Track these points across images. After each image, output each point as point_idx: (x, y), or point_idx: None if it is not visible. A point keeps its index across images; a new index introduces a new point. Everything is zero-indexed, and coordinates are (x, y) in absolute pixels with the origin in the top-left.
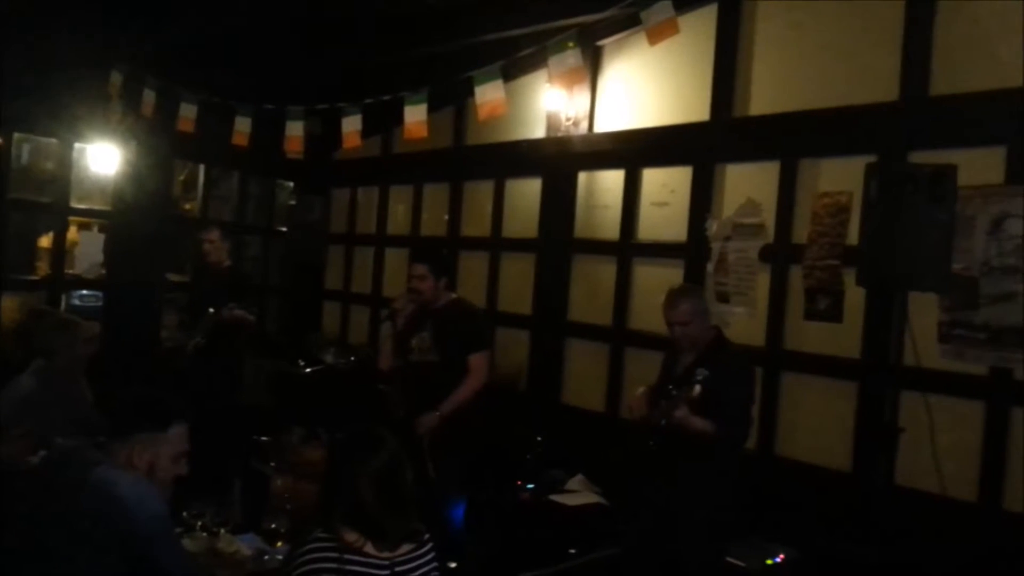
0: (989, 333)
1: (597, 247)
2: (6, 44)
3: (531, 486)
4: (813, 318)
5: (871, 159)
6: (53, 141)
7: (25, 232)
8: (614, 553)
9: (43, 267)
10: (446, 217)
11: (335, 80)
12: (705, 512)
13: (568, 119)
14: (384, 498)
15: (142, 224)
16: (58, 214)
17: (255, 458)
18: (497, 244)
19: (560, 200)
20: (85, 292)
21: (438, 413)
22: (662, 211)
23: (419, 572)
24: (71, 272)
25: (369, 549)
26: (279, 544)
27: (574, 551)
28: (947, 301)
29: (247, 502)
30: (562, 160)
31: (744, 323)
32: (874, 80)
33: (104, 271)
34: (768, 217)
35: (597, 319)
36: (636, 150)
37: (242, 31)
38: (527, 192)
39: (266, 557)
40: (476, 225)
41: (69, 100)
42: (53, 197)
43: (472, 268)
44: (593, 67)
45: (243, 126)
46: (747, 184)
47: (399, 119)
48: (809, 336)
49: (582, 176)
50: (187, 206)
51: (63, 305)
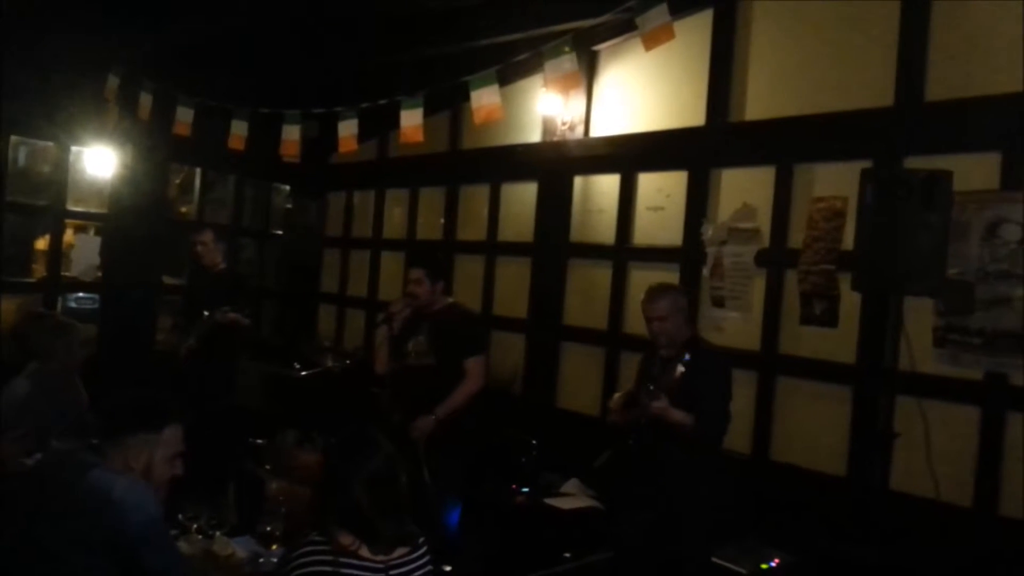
0: (984, 338)
1: (593, 251)
2: (3, 47)
3: (526, 489)
4: (808, 322)
5: (866, 164)
6: (50, 144)
7: (21, 235)
8: (609, 557)
9: (39, 269)
10: (442, 221)
11: (331, 84)
12: (704, 512)
13: (564, 123)
14: (379, 502)
15: (138, 227)
16: (54, 217)
17: (250, 461)
18: (493, 248)
19: (556, 204)
20: (81, 295)
21: (434, 417)
22: (658, 215)
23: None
24: (67, 275)
25: (364, 552)
26: (274, 547)
27: (569, 555)
28: (942, 306)
29: (242, 505)
30: (558, 164)
31: (739, 327)
32: (869, 85)
33: (100, 274)
34: (764, 222)
35: (592, 323)
36: (632, 155)
37: (239, 34)
38: (523, 196)
39: (261, 560)
40: (472, 229)
41: (66, 103)
42: (49, 200)
43: (468, 272)
44: (589, 72)
45: (239, 129)
46: (743, 189)
47: (395, 123)
48: (804, 340)
49: (578, 180)
50: (183, 209)
51: (59, 307)
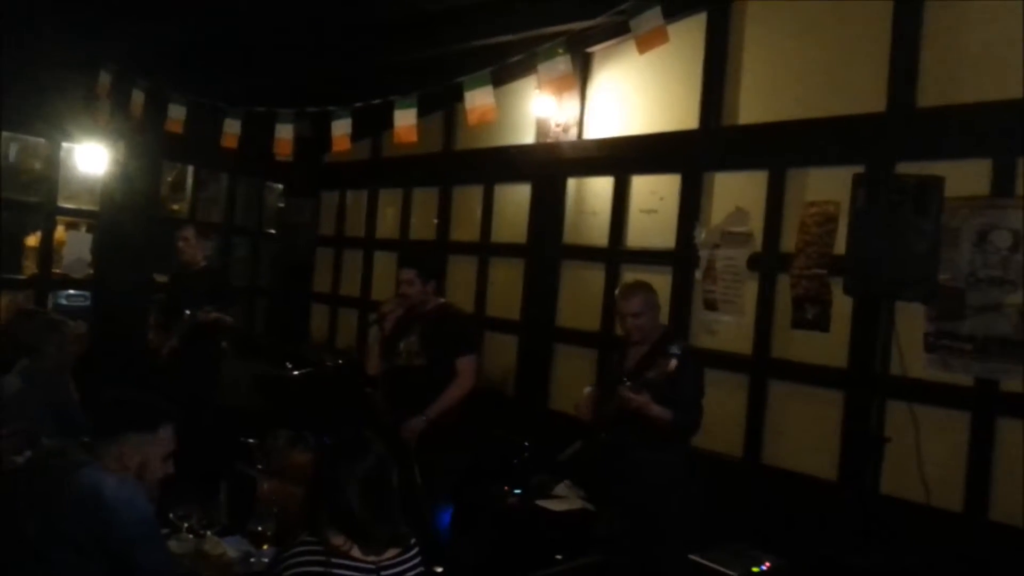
0: (975, 344)
1: (586, 253)
2: None
3: (518, 491)
4: (800, 327)
5: (858, 169)
6: (41, 141)
7: (12, 231)
8: (600, 559)
9: (30, 266)
10: (435, 221)
11: (325, 83)
12: (677, 506)
13: (558, 125)
14: (371, 502)
15: (130, 224)
16: (45, 214)
17: (242, 460)
18: (486, 249)
19: (549, 206)
20: (72, 292)
21: (425, 418)
22: (651, 218)
23: None
24: (58, 272)
25: (355, 553)
26: (265, 547)
27: (560, 556)
28: (933, 311)
29: (233, 504)
30: (552, 166)
31: (732, 331)
32: (862, 91)
33: (91, 271)
34: (756, 226)
35: (585, 325)
36: (625, 157)
37: (232, 33)
38: (516, 198)
39: (252, 560)
40: (465, 230)
41: (57, 100)
42: (40, 197)
43: (461, 273)
44: (583, 74)
45: (232, 128)
46: (736, 192)
47: (389, 123)
48: (796, 345)
49: (571, 182)
50: (175, 207)
51: (50, 305)
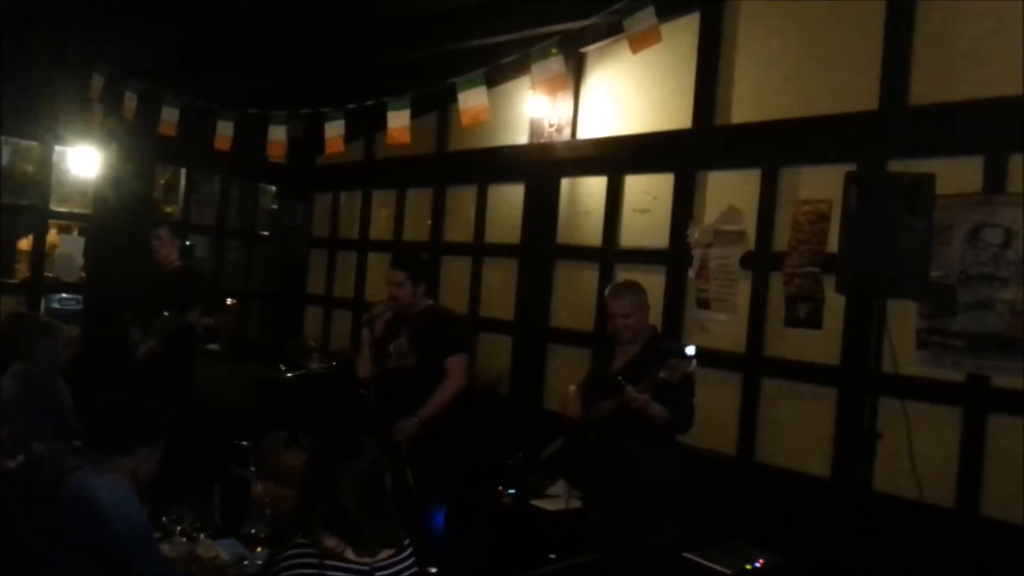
0: (966, 340)
1: (579, 253)
2: None
3: (512, 491)
4: (793, 325)
5: (851, 168)
6: (33, 144)
7: (5, 235)
8: (595, 558)
9: (22, 270)
10: (429, 222)
11: (318, 84)
12: (669, 501)
13: (551, 125)
14: (364, 504)
15: (122, 228)
16: (38, 217)
17: (235, 463)
18: (480, 250)
19: (543, 206)
20: (65, 295)
21: (416, 419)
22: (644, 218)
23: None
24: (51, 275)
25: (349, 555)
26: (259, 549)
27: (555, 556)
28: (925, 308)
29: (227, 507)
30: (545, 166)
31: (725, 329)
32: (854, 89)
33: (84, 274)
34: (749, 224)
35: (579, 325)
36: (619, 157)
37: (224, 35)
38: (510, 198)
39: (245, 562)
40: (459, 230)
41: (50, 102)
42: (33, 200)
43: (455, 273)
44: (576, 74)
45: (225, 129)
46: (729, 191)
47: (382, 124)
48: (789, 342)
49: (565, 182)
50: (168, 209)
51: (42, 308)
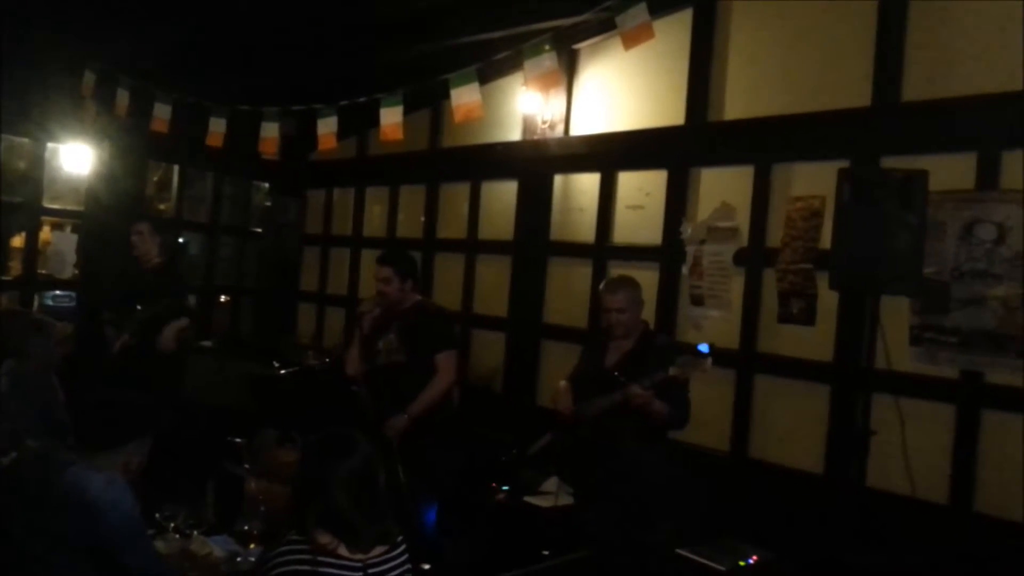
0: (960, 337)
1: (573, 250)
2: None
3: (506, 488)
4: (786, 321)
5: (844, 164)
6: (26, 141)
7: None
8: (588, 555)
9: (15, 267)
10: (422, 219)
11: (310, 81)
12: (662, 498)
13: (544, 122)
14: (357, 501)
15: (115, 224)
16: (31, 214)
17: (229, 460)
18: (473, 246)
19: (536, 203)
20: (58, 292)
21: (406, 416)
22: (637, 214)
23: (393, 574)
24: (43, 272)
25: (342, 551)
26: (252, 546)
27: (548, 552)
28: (918, 305)
29: (221, 504)
30: (538, 163)
31: (718, 326)
32: (847, 86)
33: (76, 271)
34: (742, 221)
35: (573, 322)
36: (612, 153)
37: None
38: (503, 195)
39: (239, 559)
40: (452, 227)
41: (42, 99)
42: (25, 197)
43: (448, 270)
44: (569, 71)
45: (218, 126)
46: (722, 188)
47: (375, 121)
48: (782, 339)
49: (558, 179)
50: (161, 206)
51: (36, 305)
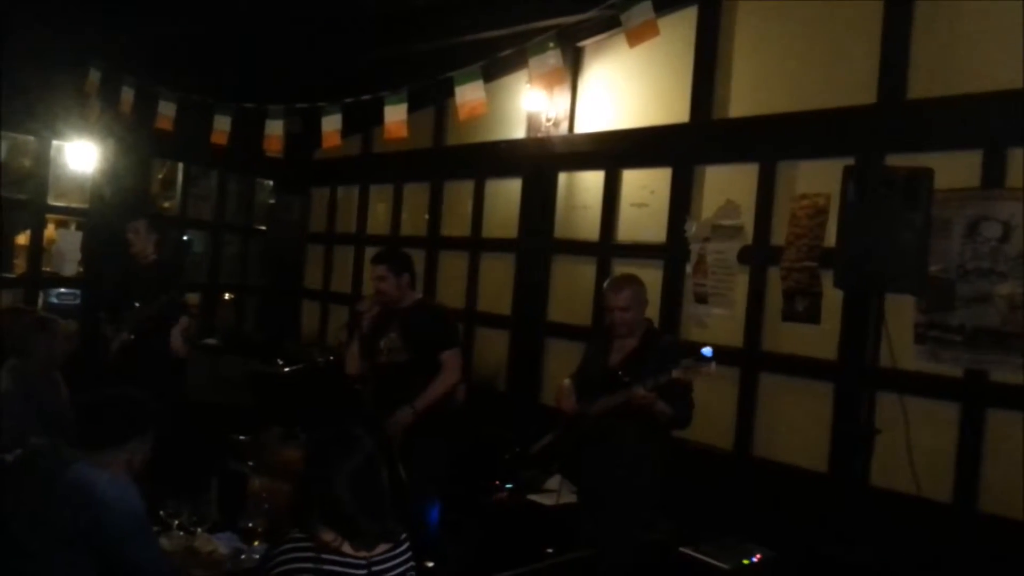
0: (964, 335)
1: (577, 248)
2: None
3: (509, 486)
4: (791, 319)
5: (849, 162)
6: (31, 138)
7: (2, 230)
8: (589, 553)
9: (20, 265)
10: (426, 217)
11: (315, 79)
12: (658, 496)
13: (548, 120)
14: (361, 498)
15: (120, 222)
16: (36, 212)
17: (233, 457)
18: (477, 244)
19: (540, 201)
20: (63, 290)
21: (412, 409)
22: (641, 212)
23: (396, 572)
24: (48, 270)
25: (346, 549)
26: (256, 543)
27: (551, 551)
28: (923, 303)
29: (224, 501)
30: (542, 161)
31: (722, 324)
32: (852, 83)
33: (81, 269)
34: (747, 219)
35: (577, 319)
36: (616, 151)
37: (222, 29)
38: (507, 192)
39: (243, 556)
40: (456, 225)
41: (47, 97)
42: (30, 194)
43: (452, 268)
44: (574, 68)
45: (222, 124)
46: (726, 186)
47: (379, 119)
48: (787, 337)
49: (562, 177)
50: (166, 204)
51: (40, 303)
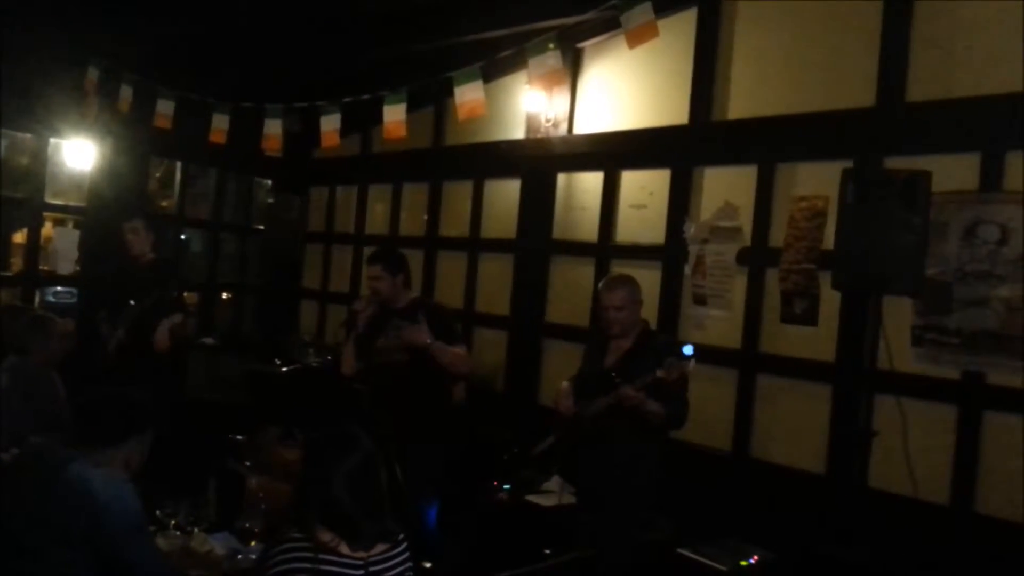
0: (962, 337)
1: (575, 249)
2: None
3: (507, 486)
4: (789, 321)
5: (847, 164)
6: (28, 136)
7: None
8: (587, 554)
9: (17, 263)
10: (425, 217)
11: (314, 78)
12: (655, 497)
13: (548, 121)
14: (359, 498)
15: (117, 221)
16: (33, 210)
17: (230, 457)
18: (475, 245)
19: (539, 201)
20: (60, 288)
21: (431, 339)
22: (640, 213)
23: (394, 572)
24: (45, 268)
25: (343, 549)
26: (253, 543)
27: (549, 551)
28: (921, 305)
29: (222, 501)
30: (541, 161)
31: (721, 325)
32: (851, 86)
33: (79, 268)
34: (745, 220)
35: (575, 320)
36: (615, 152)
37: (222, 28)
38: (506, 193)
39: (240, 556)
40: (455, 225)
41: (45, 95)
42: (28, 193)
43: (450, 268)
44: (573, 69)
45: (220, 123)
46: (725, 187)
47: (378, 118)
48: (785, 339)
49: (561, 178)
50: (164, 203)
51: (37, 301)
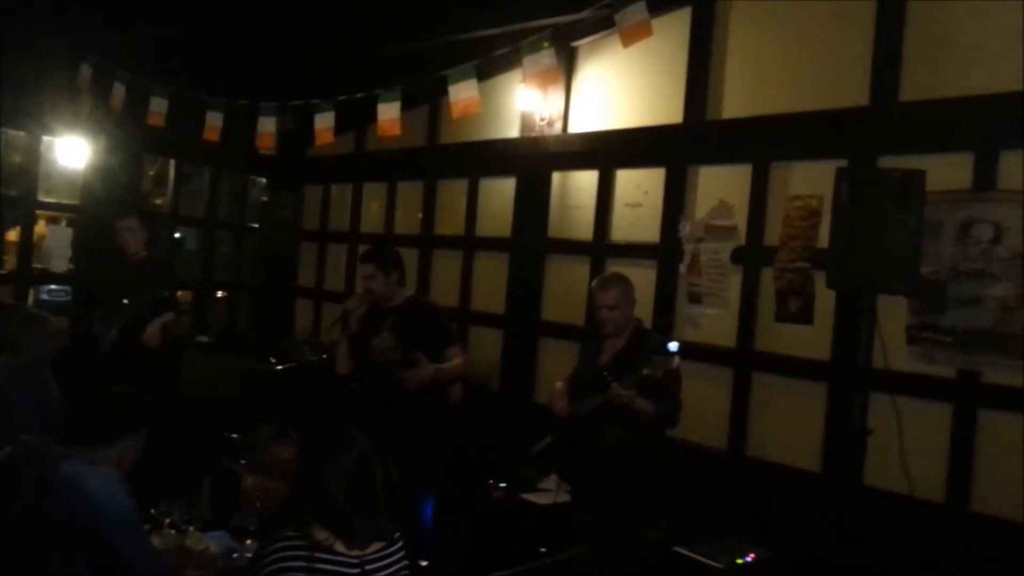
0: (956, 336)
1: (571, 247)
2: None
3: (503, 485)
4: (784, 320)
5: (842, 163)
6: (21, 134)
7: None
8: (585, 552)
9: (10, 261)
10: (420, 215)
11: (308, 76)
12: (650, 496)
13: (542, 119)
14: (354, 497)
15: (111, 219)
16: (26, 208)
17: (225, 455)
18: (471, 243)
19: (534, 200)
20: (53, 286)
21: (434, 368)
22: (635, 212)
23: (389, 571)
24: (39, 266)
25: (339, 548)
26: (248, 542)
27: (545, 550)
28: (915, 304)
29: (217, 500)
30: (536, 160)
31: (716, 324)
32: (845, 85)
33: (72, 266)
34: (740, 219)
35: (570, 319)
36: (610, 151)
37: (215, 25)
38: (501, 192)
39: (235, 555)
40: (450, 224)
41: (38, 93)
42: (20, 190)
43: (445, 267)
44: (568, 68)
45: (214, 121)
46: (720, 186)
47: (373, 116)
48: (780, 338)
49: (556, 176)
50: (158, 201)
51: (31, 299)
